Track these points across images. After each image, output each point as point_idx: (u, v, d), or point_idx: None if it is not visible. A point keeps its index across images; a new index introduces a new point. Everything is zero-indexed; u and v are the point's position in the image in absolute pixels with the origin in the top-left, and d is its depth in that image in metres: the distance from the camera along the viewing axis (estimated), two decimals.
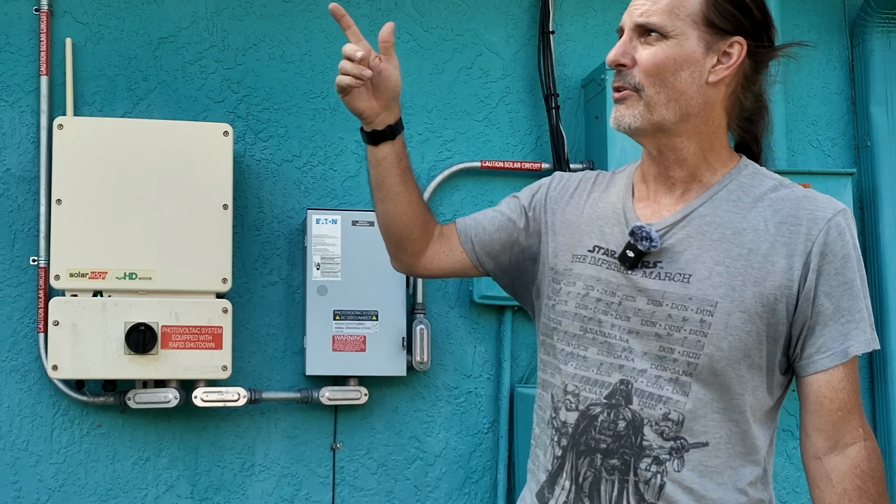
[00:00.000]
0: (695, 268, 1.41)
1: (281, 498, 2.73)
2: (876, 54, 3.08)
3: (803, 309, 1.39)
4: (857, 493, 1.39)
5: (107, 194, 2.49)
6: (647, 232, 1.42)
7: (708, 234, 1.43)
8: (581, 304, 1.48)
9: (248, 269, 2.77)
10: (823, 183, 2.87)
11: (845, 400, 1.41)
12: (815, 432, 1.43)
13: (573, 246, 1.54)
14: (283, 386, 2.75)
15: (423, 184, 2.87)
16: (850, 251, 1.40)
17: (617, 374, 1.43)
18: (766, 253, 1.39)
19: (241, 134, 2.80)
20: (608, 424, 1.42)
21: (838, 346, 1.40)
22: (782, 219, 1.41)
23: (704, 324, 1.38)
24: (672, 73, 1.42)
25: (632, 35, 1.44)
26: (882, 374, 2.97)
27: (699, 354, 1.38)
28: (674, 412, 1.39)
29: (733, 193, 1.46)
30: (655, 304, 1.42)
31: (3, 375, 2.62)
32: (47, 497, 2.62)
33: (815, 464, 1.43)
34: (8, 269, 2.65)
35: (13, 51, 2.70)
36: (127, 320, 2.45)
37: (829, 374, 1.41)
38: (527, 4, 3.00)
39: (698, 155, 1.48)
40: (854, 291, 1.40)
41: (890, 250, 2.99)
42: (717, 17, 1.43)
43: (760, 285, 1.38)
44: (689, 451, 1.40)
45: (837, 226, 1.39)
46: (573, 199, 1.60)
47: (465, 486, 2.83)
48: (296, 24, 2.87)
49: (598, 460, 1.43)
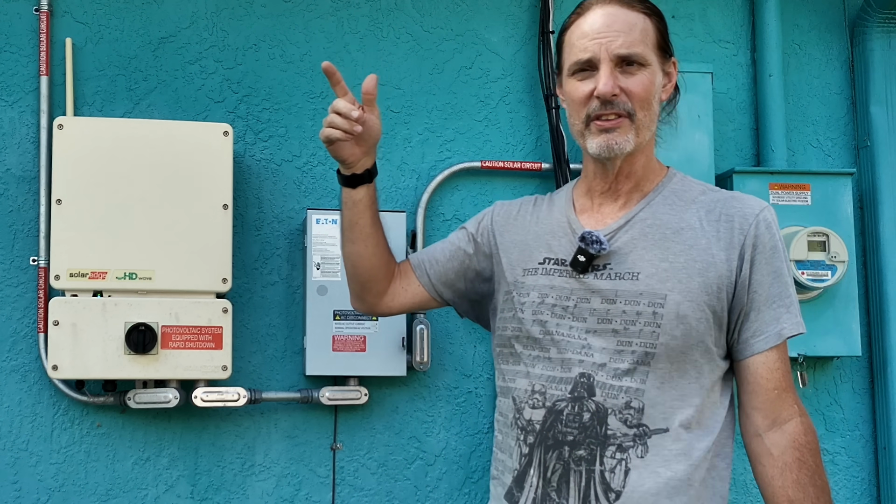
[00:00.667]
0: (642, 266, 1.53)
1: (281, 498, 2.73)
2: (876, 54, 3.08)
3: (740, 296, 1.53)
4: (797, 465, 1.50)
5: (107, 194, 2.49)
6: (595, 236, 1.55)
7: (650, 235, 1.56)
8: (537, 311, 1.60)
9: (248, 269, 2.77)
10: (823, 183, 2.87)
11: (780, 379, 1.54)
12: (754, 411, 1.54)
13: (523, 261, 1.66)
14: (283, 386, 2.75)
15: (424, 184, 2.87)
16: (777, 243, 1.55)
17: (577, 369, 1.54)
18: (705, 247, 1.53)
19: (241, 134, 2.80)
20: (573, 417, 1.52)
21: (772, 329, 1.53)
22: (716, 217, 1.56)
23: (657, 315, 1.50)
24: (653, 97, 1.57)
25: (611, 67, 1.53)
26: (882, 374, 2.97)
27: (655, 344, 1.49)
28: (635, 400, 1.49)
29: (668, 198, 1.61)
30: (609, 302, 1.53)
31: (3, 375, 2.62)
32: (47, 497, 2.62)
33: (755, 441, 1.54)
34: (8, 269, 2.65)
35: (13, 51, 2.70)
36: (127, 320, 2.45)
37: (765, 355, 1.53)
38: (527, 4, 3.00)
39: (644, 167, 1.64)
40: (783, 279, 1.54)
41: (890, 250, 2.99)
42: (664, 41, 1.59)
43: (704, 276, 1.51)
44: (651, 437, 1.49)
45: (765, 220, 1.55)
46: (517, 220, 1.74)
47: (465, 486, 2.83)
48: (296, 24, 2.87)
49: (566, 453, 1.52)
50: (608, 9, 1.55)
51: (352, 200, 1.72)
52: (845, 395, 3.01)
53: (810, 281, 2.72)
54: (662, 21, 1.59)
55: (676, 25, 3.08)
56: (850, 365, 3.02)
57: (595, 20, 1.55)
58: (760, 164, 3.01)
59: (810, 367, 2.98)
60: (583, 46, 1.55)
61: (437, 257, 1.81)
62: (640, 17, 1.56)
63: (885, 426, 2.95)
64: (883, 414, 2.96)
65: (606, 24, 1.53)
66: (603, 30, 1.53)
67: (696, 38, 3.08)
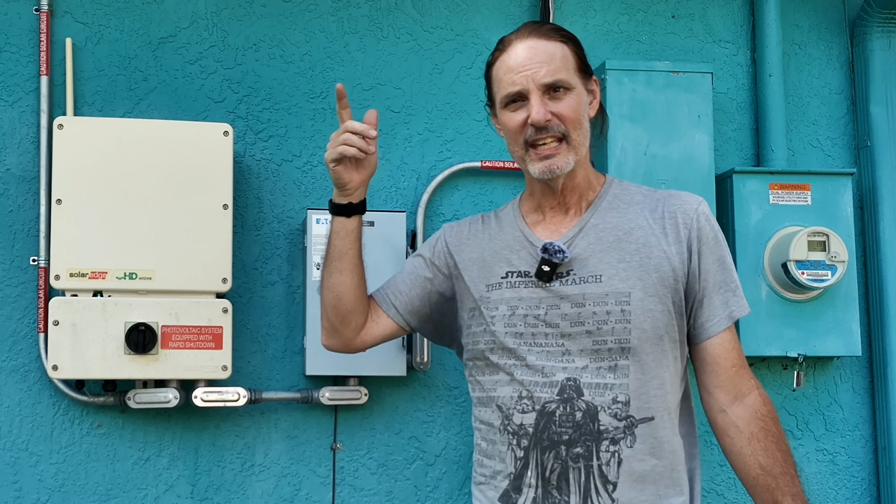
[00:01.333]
0: (603, 269, 1.65)
1: (281, 498, 2.73)
2: (876, 54, 3.08)
3: (692, 285, 1.66)
4: (763, 434, 1.63)
5: (107, 194, 2.49)
6: (557, 246, 1.66)
7: (604, 238, 1.68)
8: (509, 324, 1.69)
9: (248, 269, 2.77)
10: (823, 183, 2.87)
11: (736, 357, 1.68)
12: (717, 389, 1.67)
13: (485, 277, 1.76)
14: (283, 386, 2.75)
15: (424, 184, 2.87)
16: (717, 233, 1.69)
17: (562, 374, 1.63)
18: (656, 244, 1.65)
19: (241, 134, 2.80)
20: (566, 417, 1.60)
21: (723, 312, 1.67)
22: (659, 215, 1.68)
23: (626, 312, 1.61)
24: (582, 116, 1.69)
25: (540, 95, 1.65)
26: (882, 374, 2.97)
27: (629, 339, 1.60)
28: (621, 394, 1.60)
29: (612, 203, 1.73)
30: (579, 305, 1.63)
31: (3, 375, 2.62)
32: (47, 497, 2.62)
33: (721, 416, 1.67)
34: (8, 269, 2.65)
35: (13, 51, 2.70)
36: (127, 320, 2.45)
37: (720, 337, 1.67)
38: (527, 4, 3.00)
39: (585, 178, 1.75)
40: (727, 265, 1.68)
41: (890, 250, 2.98)
42: (582, 63, 1.71)
43: (660, 271, 1.64)
44: (637, 427, 1.60)
45: (704, 213, 1.69)
46: (469, 239, 1.84)
47: (465, 486, 2.83)
48: (296, 24, 2.87)
49: (563, 451, 1.60)
50: (528, 42, 1.67)
51: (345, 230, 1.84)
52: (845, 395, 3.01)
53: (810, 281, 2.72)
54: (578, 45, 1.72)
55: (676, 25, 3.08)
56: (850, 365, 3.02)
57: (518, 54, 1.67)
58: (760, 164, 3.01)
59: (810, 367, 2.98)
60: (510, 80, 1.67)
61: (400, 288, 1.91)
62: (558, 46, 1.67)
63: (885, 426, 2.95)
64: (883, 414, 2.96)
65: (529, 56, 1.65)
66: (527, 63, 1.65)
67: (696, 38, 3.08)
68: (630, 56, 3.04)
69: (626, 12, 3.06)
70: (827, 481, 2.96)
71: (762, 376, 2.95)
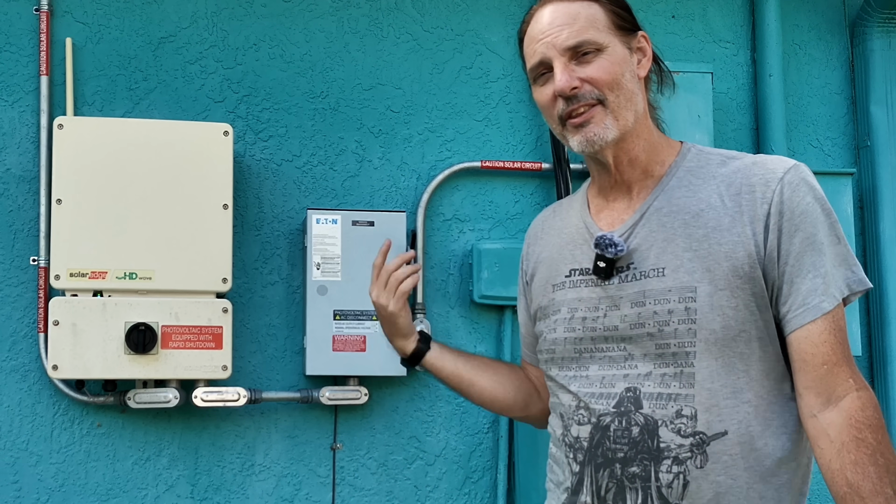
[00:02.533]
0: (666, 260, 1.42)
1: (281, 498, 2.73)
2: (876, 54, 3.08)
3: (771, 271, 1.39)
4: (855, 445, 1.37)
5: (107, 194, 2.49)
6: (609, 239, 1.44)
7: (668, 224, 1.44)
8: (569, 328, 1.51)
9: (248, 269, 2.77)
10: (823, 183, 2.85)
11: (828, 353, 1.38)
12: (806, 390, 1.40)
13: (552, 278, 1.58)
14: (283, 386, 2.75)
15: (424, 184, 2.87)
16: (808, 206, 1.40)
17: (622, 384, 1.44)
18: (729, 226, 1.40)
19: (241, 134, 2.80)
20: (621, 432, 1.42)
21: (809, 301, 1.38)
22: (737, 190, 1.42)
23: (690, 310, 1.39)
24: (621, 76, 1.46)
25: (564, 62, 1.45)
26: (882, 374, 2.97)
27: (694, 342, 1.38)
28: (686, 407, 1.38)
29: (683, 179, 1.48)
30: (639, 305, 1.43)
31: (3, 375, 2.62)
32: (47, 497, 2.62)
33: (811, 422, 1.39)
34: (8, 269, 2.65)
35: (13, 51, 2.70)
36: (127, 320, 2.45)
37: (807, 329, 1.38)
38: (527, 4, 3.00)
39: (647, 150, 1.51)
40: (816, 246, 1.39)
41: (890, 250, 2.98)
42: (620, 20, 1.49)
43: (732, 258, 1.39)
44: (710, 444, 1.38)
45: (790, 183, 1.41)
46: (542, 238, 1.66)
47: (465, 486, 2.83)
48: (296, 24, 2.87)
49: (619, 470, 1.42)
50: (551, 7, 1.49)
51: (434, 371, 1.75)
52: None
53: None
54: (616, 1, 1.51)
55: (676, 25, 3.08)
56: None
57: (541, 22, 1.49)
58: None
59: None
60: (532, 51, 1.50)
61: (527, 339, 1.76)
62: (583, 5, 1.48)
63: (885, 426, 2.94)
64: (883, 414, 2.96)
65: (549, 22, 1.47)
66: (546, 29, 1.47)
67: (696, 38, 3.08)
68: None
69: None
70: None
71: None
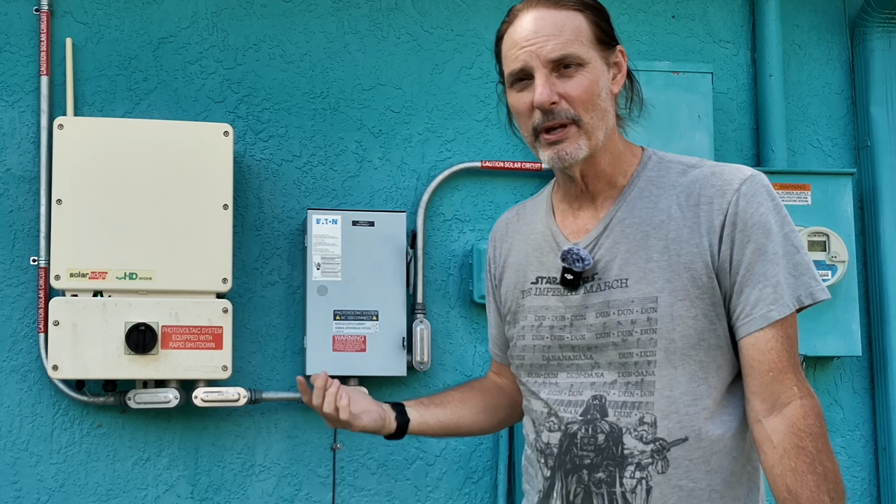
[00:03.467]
0: (629, 271, 1.46)
1: (281, 498, 2.73)
2: (876, 54, 3.08)
3: (724, 280, 1.43)
4: (796, 452, 1.41)
5: (107, 194, 2.49)
6: (576, 253, 1.48)
7: (631, 235, 1.47)
8: (537, 336, 1.54)
9: (248, 269, 2.77)
10: (823, 183, 2.87)
11: (774, 361, 1.41)
12: (752, 396, 1.43)
13: (520, 283, 1.60)
14: (284, 386, 2.75)
15: (424, 184, 2.86)
16: (762, 216, 1.42)
17: (588, 391, 1.48)
18: (688, 237, 1.44)
19: (241, 134, 2.80)
20: (588, 440, 1.47)
21: (758, 311, 1.41)
22: (695, 200, 1.45)
23: (651, 320, 1.43)
24: (597, 96, 1.46)
25: (546, 73, 1.45)
26: (882, 374, 2.97)
27: (654, 351, 1.43)
28: (647, 415, 1.43)
29: (644, 190, 1.51)
30: (604, 315, 1.47)
31: (3, 375, 2.62)
32: (47, 497, 2.62)
33: (757, 427, 1.43)
34: (8, 269, 2.65)
35: (13, 51, 2.70)
36: (127, 320, 2.45)
37: (755, 337, 1.42)
38: None
39: (612, 162, 1.53)
40: (768, 256, 1.41)
41: (890, 250, 2.98)
42: (602, 33, 1.49)
43: (691, 269, 1.42)
44: (670, 450, 1.42)
45: (745, 194, 1.43)
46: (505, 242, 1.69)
47: (465, 486, 2.83)
48: (296, 24, 2.87)
49: (586, 476, 1.47)
50: (535, 13, 1.47)
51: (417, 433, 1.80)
52: (845, 395, 3.01)
53: None
54: (599, 13, 1.50)
55: (676, 25, 3.08)
56: (850, 365, 3.02)
57: (523, 27, 1.47)
58: (760, 164, 3.01)
59: (810, 367, 2.98)
60: (514, 56, 1.48)
61: (498, 340, 1.78)
62: (569, 16, 1.47)
63: (885, 426, 2.95)
64: (883, 414, 2.96)
65: (534, 29, 1.45)
66: (531, 36, 1.45)
67: (696, 38, 3.08)
68: (630, 56, 3.02)
69: (626, 12, 3.06)
70: None
71: None
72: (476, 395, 1.81)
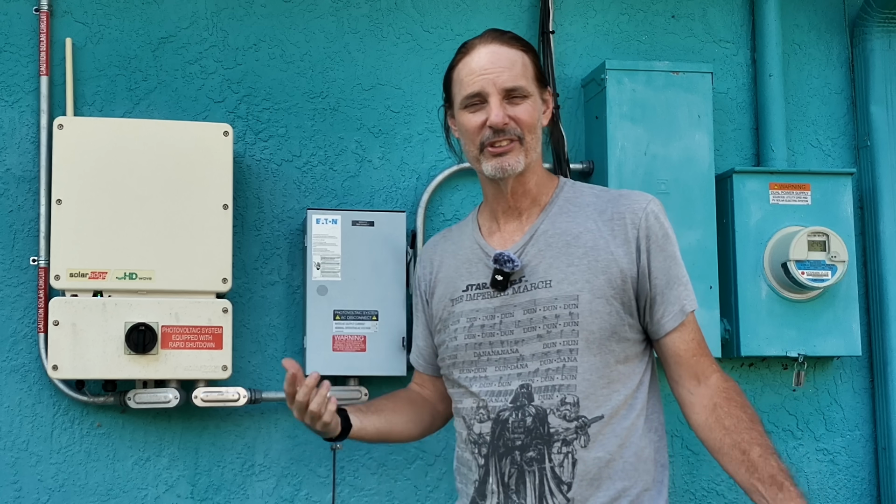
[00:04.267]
0: (553, 274, 1.71)
1: (281, 498, 2.73)
2: (876, 54, 3.08)
3: (643, 284, 1.72)
4: (726, 401, 1.69)
5: (107, 194, 2.49)
6: (507, 256, 1.73)
7: (554, 244, 1.74)
8: (469, 335, 1.77)
9: (248, 269, 2.77)
10: (823, 183, 2.87)
11: (696, 347, 1.74)
12: (682, 378, 1.74)
13: (450, 293, 1.85)
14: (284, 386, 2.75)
15: (424, 184, 2.87)
16: (667, 230, 1.74)
17: (516, 381, 1.70)
18: (604, 247, 1.71)
19: (241, 134, 2.80)
20: (518, 423, 1.67)
21: (676, 307, 1.72)
22: (609, 217, 1.74)
23: (573, 315, 1.67)
24: (536, 122, 1.77)
25: (499, 99, 1.73)
26: (882, 374, 2.97)
27: (577, 340, 1.67)
28: (569, 396, 1.66)
29: (563, 207, 1.79)
30: (530, 311, 1.71)
31: (3, 375, 2.62)
32: (47, 497, 2.62)
33: (688, 398, 1.74)
34: (8, 269, 2.65)
35: (13, 51, 2.71)
36: (127, 320, 2.45)
37: (678, 331, 1.73)
38: (527, 4, 3.00)
39: (537, 183, 1.82)
40: (677, 261, 1.74)
41: (890, 250, 2.99)
42: (539, 74, 1.80)
43: (607, 273, 1.69)
44: (590, 426, 1.66)
45: (653, 212, 1.74)
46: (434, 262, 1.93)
47: None
48: (296, 24, 2.87)
49: (518, 456, 1.67)
50: (491, 47, 1.75)
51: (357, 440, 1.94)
52: (845, 395, 3.01)
53: (810, 281, 2.72)
54: (537, 56, 1.81)
55: (676, 25, 3.08)
56: (850, 365, 3.02)
57: (481, 58, 1.75)
58: (760, 164, 3.02)
59: (810, 367, 2.98)
60: (471, 81, 1.75)
61: (425, 352, 2.03)
62: (519, 54, 1.75)
63: (885, 426, 2.95)
64: (883, 414, 2.96)
65: (491, 61, 1.73)
66: (489, 66, 1.73)
67: (696, 38, 3.08)
68: (630, 56, 3.04)
69: (626, 12, 3.06)
70: (827, 481, 2.96)
71: (763, 376, 2.95)
72: (406, 405, 2.02)
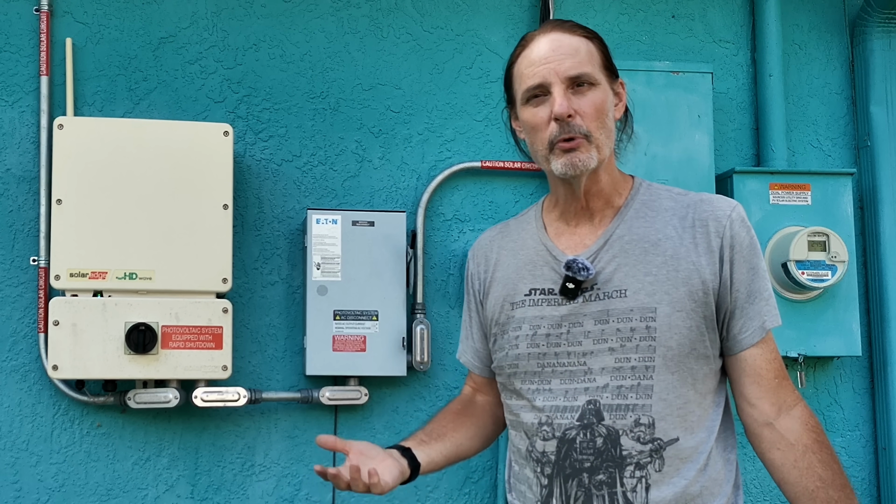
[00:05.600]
0: (628, 283, 1.57)
1: (281, 498, 2.73)
2: (876, 54, 3.08)
3: (724, 296, 1.57)
4: (818, 446, 1.55)
5: (107, 194, 2.49)
6: (581, 263, 1.58)
7: (630, 251, 1.59)
8: (532, 344, 1.62)
9: (248, 269, 2.77)
10: (823, 183, 2.87)
11: (778, 369, 1.59)
12: (759, 401, 1.58)
13: (509, 296, 1.68)
14: (284, 386, 2.75)
15: (424, 184, 2.87)
16: (752, 239, 1.59)
17: (583, 397, 1.56)
18: (685, 255, 1.57)
19: (241, 134, 2.80)
20: (587, 444, 1.55)
21: (757, 323, 1.57)
22: (689, 223, 1.60)
23: (651, 329, 1.53)
24: (606, 115, 1.60)
25: (563, 88, 1.57)
26: (882, 374, 2.97)
27: (653, 357, 1.53)
28: (644, 416, 1.53)
29: (640, 211, 1.64)
30: (602, 322, 1.57)
31: (3, 375, 2.62)
32: (47, 497, 2.62)
33: (767, 430, 1.57)
34: (8, 269, 2.65)
35: (13, 51, 2.70)
36: (127, 320, 2.45)
37: (760, 347, 1.58)
38: (527, 4, 3.00)
39: (610, 183, 1.66)
40: (761, 274, 1.59)
41: (890, 250, 2.98)
42: (609, 63, 1.64)
43: (688, 284, 1.55)
44: (665, 449, 1.52)
45: (738, 218, 1.59)
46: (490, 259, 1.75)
47: (465, 486, 2.83)
48: (296, 24, 2.87)
49: (586, 479, 1.54)
50: (551, 35, 1.60)
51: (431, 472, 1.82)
52: (845, 395, 3.01)
53: (810, 281, 2.72)
54: (604, 44, 1.65)
55: (676, 25, 3.08)
56: (850, 365, 3.02)
57: (541, 48, 1.59)
58: (760, 164, 3.01)
59: (810, 367, 2.98)
60: (532, 73, 1.58)
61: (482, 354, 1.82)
62: (582, 41, 1.60)
63: (885, 426, 2.95)
64: (883, 414, 2.96)
65: (552, 49, 1.58)
66: (549, 55, 1.57)
67: (696, 38, 3.08)
68: (630, 56, 3.04)
69: (626, 12, 3.06)
70: None
71: None
72: (467, 420, 1.87)
